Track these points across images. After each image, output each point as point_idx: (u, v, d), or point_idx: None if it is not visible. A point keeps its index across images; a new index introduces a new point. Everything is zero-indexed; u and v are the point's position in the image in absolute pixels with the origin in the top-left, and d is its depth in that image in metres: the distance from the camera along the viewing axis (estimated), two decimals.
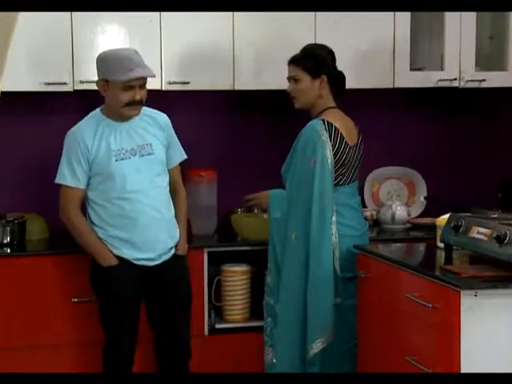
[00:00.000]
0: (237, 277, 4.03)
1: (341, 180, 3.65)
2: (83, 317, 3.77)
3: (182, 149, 3.69)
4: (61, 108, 4.19)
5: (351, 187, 3.72)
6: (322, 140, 3.54)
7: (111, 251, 3.46)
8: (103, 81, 3.44)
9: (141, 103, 3.47)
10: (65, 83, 3.87)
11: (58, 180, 3.48)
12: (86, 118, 3.53)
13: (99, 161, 3.43)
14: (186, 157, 3.71)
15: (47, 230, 4.11)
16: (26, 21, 3.72)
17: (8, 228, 3.86)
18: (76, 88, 3.89)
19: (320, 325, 3.49)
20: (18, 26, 1.73)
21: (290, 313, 3.57)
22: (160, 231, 3.50)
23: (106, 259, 3.45)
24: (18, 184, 4.23)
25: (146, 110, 3.56)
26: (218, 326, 4.00)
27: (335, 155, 3.58)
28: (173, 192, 3.63)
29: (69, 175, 3.44)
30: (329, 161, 3.53)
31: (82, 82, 3.87)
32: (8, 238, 3.87)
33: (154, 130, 3.56)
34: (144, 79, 3.44)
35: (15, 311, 3.74)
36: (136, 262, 3.47)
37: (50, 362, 3.74)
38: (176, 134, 3.67)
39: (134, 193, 3.44)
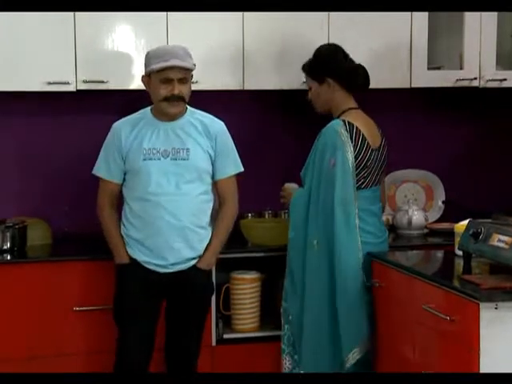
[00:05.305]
0: (246, 285, 3.91)
1: (363, 183, 3.51)
2: (86, 326, 3.69)
3: (237, 161, 3.53)
4: (64, 108, 4.13)
5: (373, 191, 3.56)
6: (342, 140, 3.42)
7: (126, 250, 3.44)
8: (146, 76, 3.40)
9: (181, 99, 3.37)
10: (68, 83, 3.79)
11: (94, 171, 3.51)
12: (136, 113, 3.51)
13: (130, 157, 3.42)
14: (241, 169, 3.55)
15: (50, 235, 4.02)
16: (29, 20, 3.68)
17: (8, 233, 3.78)
18: (79, 88, 3.83)
19: (354, 334, 3.38)
20: None
21: (316, 322, 3.44)
22: (176, 239, 3.39)
23: (120, 256, 3.44)
24: (20, 188, 4.15)
25: (199, 113, 3.48)
26: (226, 335, 3.90)
27: (356, 157, 3.45)
28: (219, 205, 3.54)
29: (103, 167, 3.48)
30: (349, 162, 3.42)
31: (85, 82, 3.81)
32: (8, 244, 3.78)
33: (198, 136, 3.45)
34: (184, 73, 3.34)
35: (15, 320, 3.64)
36: (145, 265, 3.41)
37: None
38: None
39: (156, 195, 3.37)
